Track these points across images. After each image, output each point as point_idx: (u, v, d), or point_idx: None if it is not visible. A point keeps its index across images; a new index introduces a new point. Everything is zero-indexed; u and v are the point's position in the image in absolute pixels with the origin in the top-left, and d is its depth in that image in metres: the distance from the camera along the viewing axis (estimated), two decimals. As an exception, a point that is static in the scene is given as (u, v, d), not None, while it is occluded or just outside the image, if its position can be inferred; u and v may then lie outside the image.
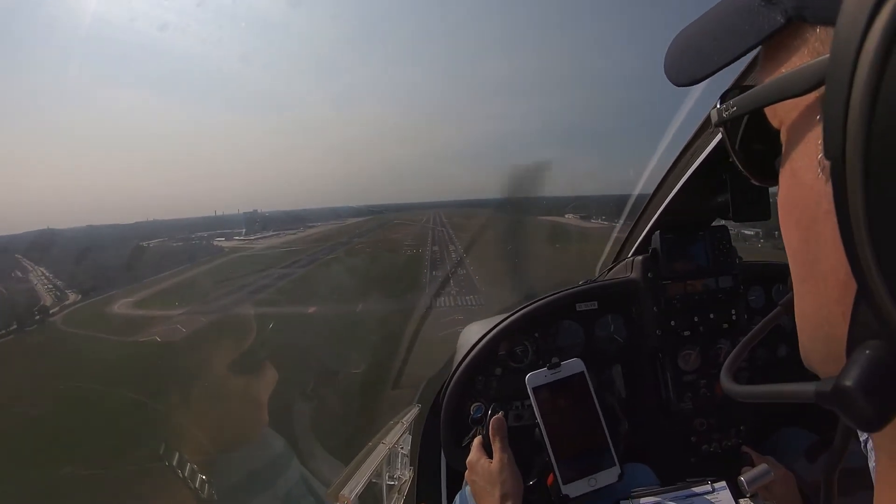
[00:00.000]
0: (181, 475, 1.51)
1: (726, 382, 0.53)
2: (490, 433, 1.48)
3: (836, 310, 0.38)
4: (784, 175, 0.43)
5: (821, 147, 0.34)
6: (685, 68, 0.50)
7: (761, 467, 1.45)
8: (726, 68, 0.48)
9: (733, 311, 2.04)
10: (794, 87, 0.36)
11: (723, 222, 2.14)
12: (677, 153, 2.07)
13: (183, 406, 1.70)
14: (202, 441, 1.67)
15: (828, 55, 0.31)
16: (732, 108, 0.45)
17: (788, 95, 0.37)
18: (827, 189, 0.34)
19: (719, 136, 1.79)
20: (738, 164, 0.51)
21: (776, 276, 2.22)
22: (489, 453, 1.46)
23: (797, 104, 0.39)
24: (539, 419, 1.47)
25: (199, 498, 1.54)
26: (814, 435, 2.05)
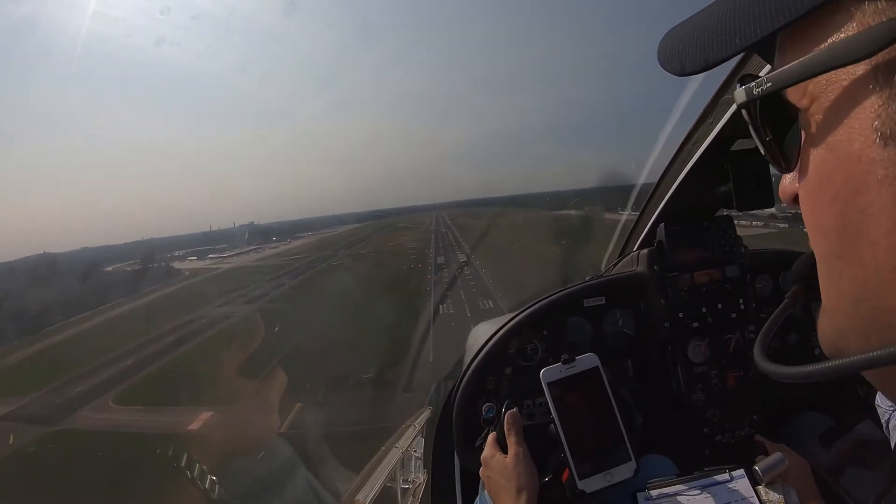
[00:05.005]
0: (190, 476, 1.50)
1: (767, 366, 0.52)
2: (505, 428, 1.47)
3: (889, 276, 0.38)
4: (816, 152, 0.43)
5: (876, 115, 0.36)
6: (693, 56, 0.50)
7: (775, 456, 1.44)
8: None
9: (741, 301, 2.03)
10: (852, 53, 0.36)
11: (727, 212, 2.13)
12: (678, 144, 2.07)
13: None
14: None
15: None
16: (767, 84, 0.44)
17: (846, 62, 0.37)
18: (885, 154, 0.36)
19: (720, 127, 1.78)
20: (761, 147, 0.50)
21: (784, 264, 2.20)
22: (504, 449, 1.46)
23: (836, 79, 0.39)
24: (554, 414, 1.46)
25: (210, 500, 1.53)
26: (828, 418, 2.04)
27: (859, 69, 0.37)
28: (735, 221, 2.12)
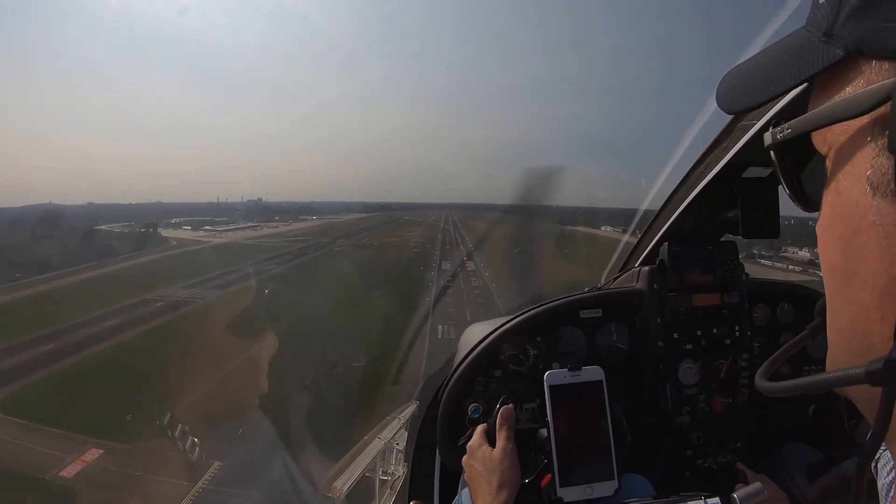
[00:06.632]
0: (170, 434, 1.51)
1: (762, 383, 0.57)
2: (497, 422, 1.48)
3: (874, 315, 0.41)
4: (829, 195, 0.47)
5: (870, 165, 0.40)
6: (739, 98, 0.57)
7: (755, 486, 1.44)
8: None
9: (737, 328, 2.03)
10: (855, 108, 0.40)
11: (731, 238, 2.13)
12: (689, 167, 2.06)
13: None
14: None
15: (890, 79, 0.37)
16: (787, 129, 0.49)
17: (849, 116, 0.41)
18: (873, 202, 0.40)
19: (733, 152, 1.78)
20: (785, 188, 0.55)
21: (782, 295, 2.20)
22: (491, 442, 1.48)
23: (847, 129, 0.43)
24: (550, 417, 1.47)
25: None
26: (816, 451, 2.04)
27: (864, 121, 0.41)
28: (770, 264, 2.13)
